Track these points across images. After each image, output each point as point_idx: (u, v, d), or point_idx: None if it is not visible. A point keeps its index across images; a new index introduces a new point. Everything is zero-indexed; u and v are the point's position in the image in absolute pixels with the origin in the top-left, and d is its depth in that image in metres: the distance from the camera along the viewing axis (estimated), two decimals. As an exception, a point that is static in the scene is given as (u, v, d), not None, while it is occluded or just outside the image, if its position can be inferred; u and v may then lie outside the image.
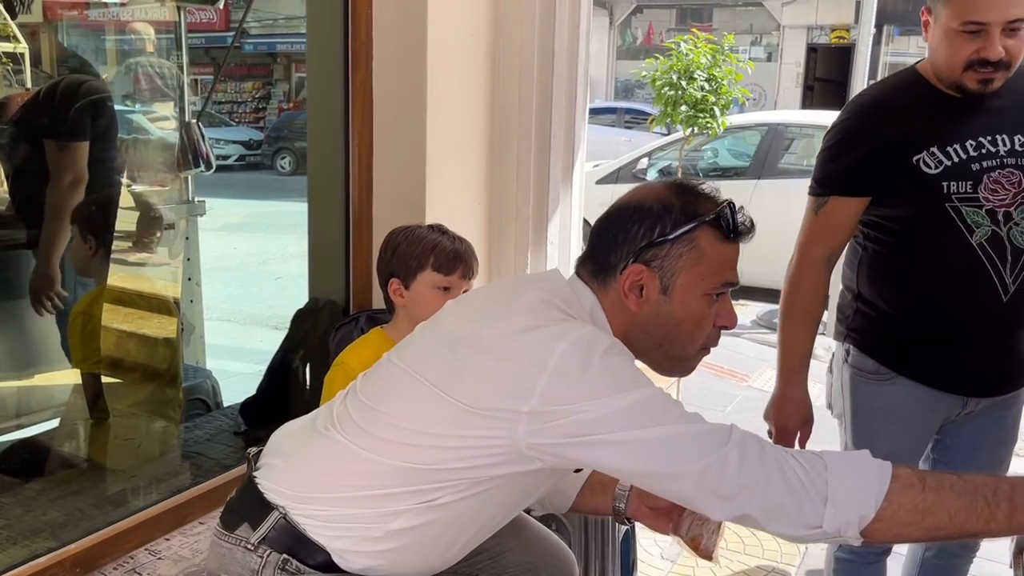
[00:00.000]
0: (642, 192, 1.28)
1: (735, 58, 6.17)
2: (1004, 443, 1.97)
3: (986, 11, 1.57)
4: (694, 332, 1.25)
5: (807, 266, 1.82)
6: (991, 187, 1.67)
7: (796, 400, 1.88)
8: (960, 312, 1.75)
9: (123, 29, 4.39)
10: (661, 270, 1.22)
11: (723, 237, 1.23)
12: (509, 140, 2.74)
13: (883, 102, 1.79)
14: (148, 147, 4.84)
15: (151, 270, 4.14)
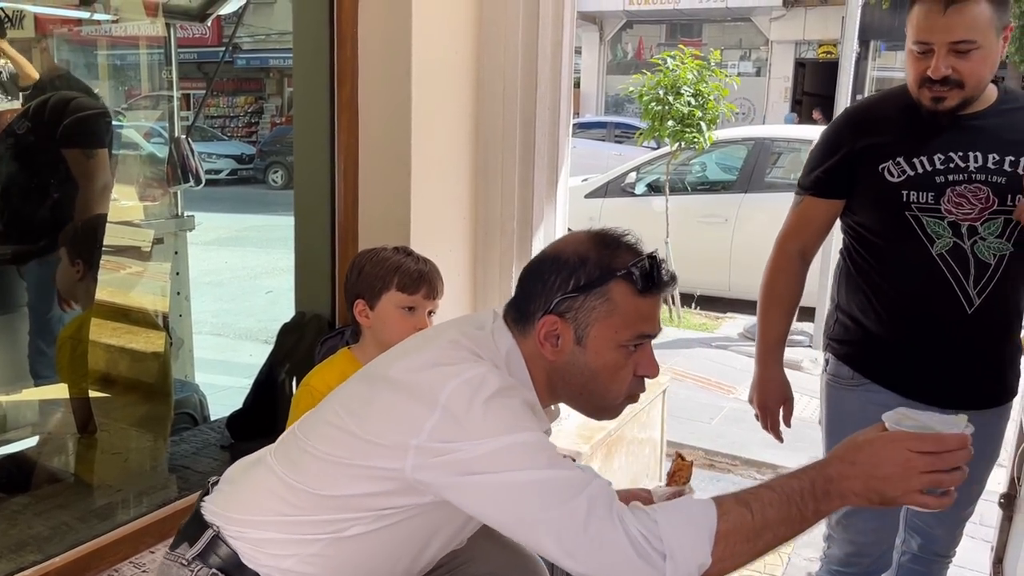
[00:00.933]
0: (564, 242, 1.32)
1: (721, 73, 6.23)
2: (985, 453, 1.94)
3: (930, 32, 1.66)
4: (610, 383, 1.28)
5: (780, 256, 1.94)
6: (955, 200, 1.72)
7: (773, 380, 1.98)
8: (924, 322, 1.80)
9: (114, 44, 4.42)
10: (575, 321, 1.24)
11: (636, 291, 1.24)
12: (494, 155, 2.77)
13: (866, 112, 1.89)
14: (138, 162, 4.85)
15: (140, 285, 4.15)
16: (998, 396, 1.90)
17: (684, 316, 6.39)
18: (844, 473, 1.14)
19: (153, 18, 4.03)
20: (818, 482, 1.14)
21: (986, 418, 1.85)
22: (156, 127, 4.79)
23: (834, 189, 1.86)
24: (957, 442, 1.13)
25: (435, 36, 2.53)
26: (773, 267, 1.95)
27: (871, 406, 1.83)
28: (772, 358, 1.98)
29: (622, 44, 21.03)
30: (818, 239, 1.94)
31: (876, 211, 1.80)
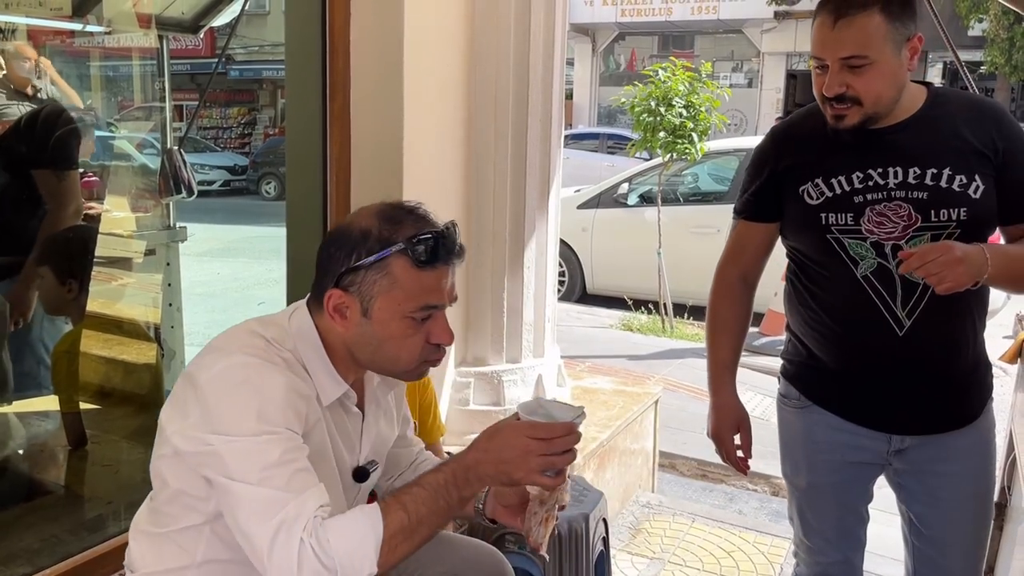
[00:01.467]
0: (353, 216, 1.34)
1: (712, 85, 6.25)
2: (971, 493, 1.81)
3: (822, 48, 1.60)
4: (399, 351, 1.32)
5: (720, 282, 1.90)
6: (875, 219, 1.64)
7: (723, 406, 1.89)
8: (855, 345, 1.73)
9: (106, 56, 4.42)
10: (360, 294, 1.29)
11: (416, 264, 1.27)
12: (486, 166, 2.79)
13: (788, 131, 1.81)
14: (130, 174, 4.85)
15: (131, 296, 4.15)
16: (955, 420, 1.77)
17: (677, 326, 6.40)
18: (478, 460, 1.24)
19: (146, 30, 4.04)
20: (458, 472, 1.25)
21: (953, 442, 1.77)
22: (148, 138, 4.79)
23: (764, 212, 1.80)
24: (564, 429, 1.25)
25: (427, 48, 2.55)
26: (714, 293, 1.91)
27: (816, 428, 1.84)
28: (721, 383, 1.90)
29: (614, 56, 21.13)
30: (757, 263, 1.87)
31: (802, 234, 1.75)
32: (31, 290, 2.60)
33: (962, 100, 1.74)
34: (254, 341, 1.28)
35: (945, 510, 1.81)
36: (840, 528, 1.91)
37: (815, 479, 1.88)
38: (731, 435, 1.89)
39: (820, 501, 1.90)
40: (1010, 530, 2.47)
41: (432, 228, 1.29)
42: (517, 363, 2.90)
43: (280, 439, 1.20)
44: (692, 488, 3.83)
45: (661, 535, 3.12)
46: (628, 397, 3.43)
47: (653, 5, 18.72)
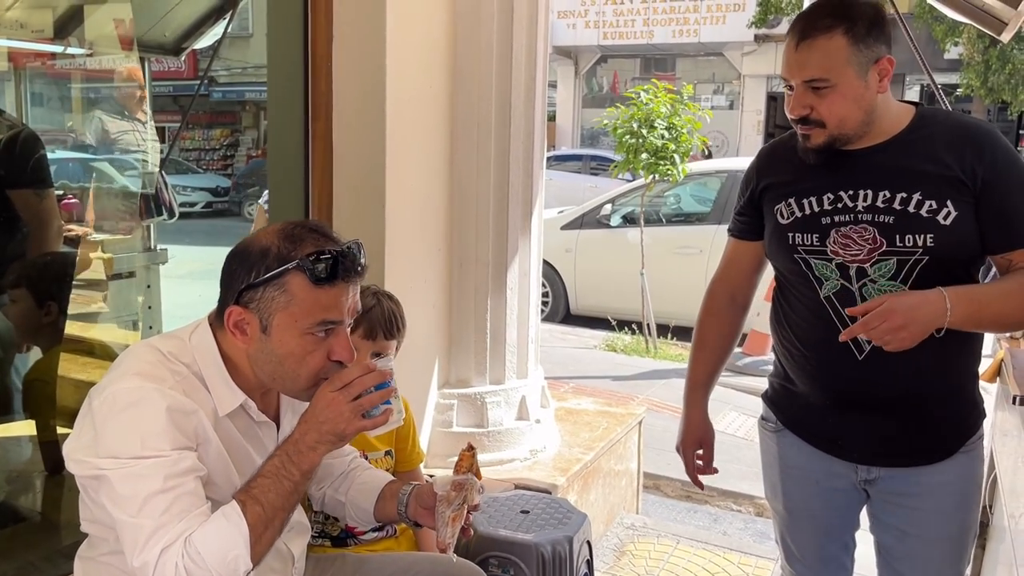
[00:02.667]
0: (257, 234, 1.36)
1: (694, 107, 6.31)
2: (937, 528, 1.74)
3: (787, 69, 1.61)
4: (298, 368, 1.33)
5: (709, 300, 1.92)
6: (841, 241, 1.62)
7: (690, 420, 1.92)
8: (819, 368, 1.72)
9: (88, 78, 4.41)
10: (259, 311, 1.31)
11: (312, 282, 1.29)
12: (468, 187, 2.79)
13: (771, 152, 1.83)
14: (111, 196, 4.81)
15: (110, 319, 4.10)
16: (922, 454, 1.70)
17: (660, 346, 6.41)
18: (302, 432, 1.31)
19: (128, 52, 4.03)
20: (289, 450, 1.31)
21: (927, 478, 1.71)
22: (130, 160, 4.76)
23: (748, 231, 1.82)
24: (358, 370, 1.32)
25: (409, 70, 2.56)
26: (703, 310, 1.92)
27: (790, 452, 1.83)
28: (693, 399, 1.92)
29: (597, 78, 21.28)
30: (746, 281, 1.88)
31: (775, 253, 1.76)
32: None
33: (949, 123, 1.66)
34: (148, 356, 1.31)
35: (912, 545, 1.76)
36: (821, 555, 1.89)
37: (791, 504, 1.87)
38: (692, 450, 1.92)
39: (798, 526, 1.90)
40: (992, 549, 2.47)
41: (332, 246, 1.31)
42: (501, 384, 2.90)
43: (164, 463, 1.22)
44: (677, 509, 3.82)
45: (646, 557, 3.10)
46: (612, 418, 3.42)
47: (635, 28, 18.91)
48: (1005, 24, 2.60)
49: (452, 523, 1.48)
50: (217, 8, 4.03)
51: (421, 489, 1.60)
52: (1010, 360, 2.20)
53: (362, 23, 2.47)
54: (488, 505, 2.34)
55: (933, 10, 13.17)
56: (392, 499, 1.62)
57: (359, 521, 1.69)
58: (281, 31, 2.53)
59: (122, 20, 3.99)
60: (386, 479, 1.68)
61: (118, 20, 3.94)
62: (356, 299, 1.37)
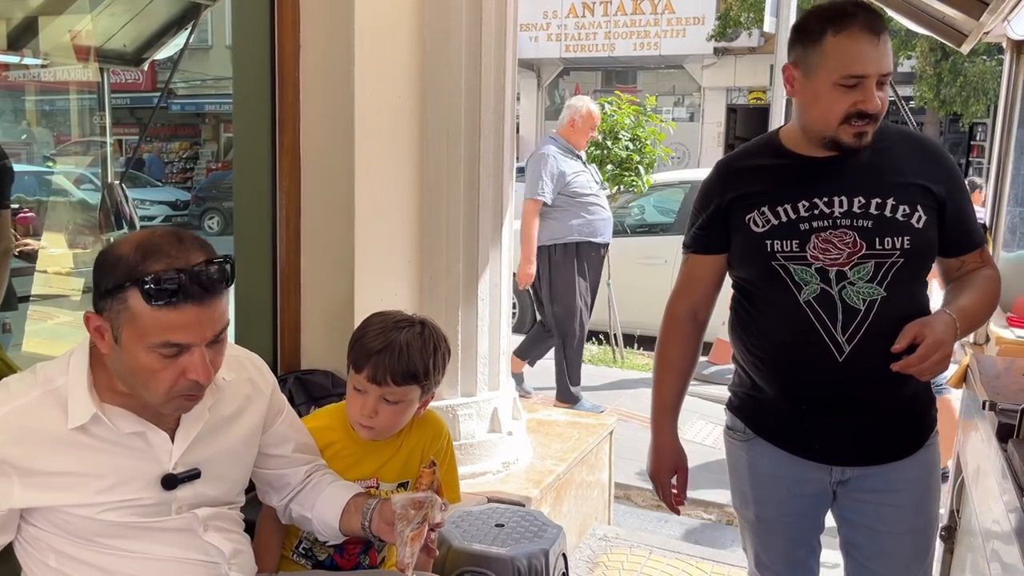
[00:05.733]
0: (128, 237, 1.33)
1: (657, 119, 6.36)
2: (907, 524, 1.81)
3: (864, 64, 1.59)
4: (149, 382, 1.30)
5: (670, 319, 1.87)
6: (821, 247, 1.66)
7: (662, 447, 1.88)
8: (796, 372, 1.74)
9: (44, 90, 4.32)
10: (111, 321, 1.28)
11: (148, 302, 1.25)
12: (438, 199, 2.77)
13: (733, 164, 1.82)
14: (68, 209, 4.72)
15: (70, 335, 4.01)
16: (896, 451, 1.77)
17: (627, 356, 6.43)
18: None
19: (86, 63, 3.96)
20: None
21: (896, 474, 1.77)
22: (87, 173, 4.67)
23: (712, 244, 1.80)
24: None
25: (378, 81, 2.53)
26: (664, 330, 1.88)
27: (761, 460, 1.83)
28: (664, 423, 1.88)
29: (559, 90, 21.41)
30: (707, 296, 1.86)
31: (746, 263, 1.76)
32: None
33: (902, 134, 1.77)
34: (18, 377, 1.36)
35: (883, 542, 1.81)
36: (790, 561, 1.90)
37: (763, 512, 1.87)
38: (668, 477, 1.90)
39: (769, 534, 1.89)
40: (960, 554, 2.50)
41: (180, 264, 1.26)
42: (472, 396, 2.87)
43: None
44: (648, 519, 3.82)
45: (619, 568, 3.09)
46: (583, 429, 3.41)
47: (597, 41, 19.06)
48: (965, 36, 2.66)
49: (411, 543, 1.44)
50: (178, 19, 3.97)
51: (384, 504, 1.56)
52: (976, 366, 2.23)
53: (330, 33, 2.44)
54: (462, 519, 2.31)
55: (888, 23, 13.47)
56: (357, 513, 1.60)
57: (327, 536, 1.66)
58: (247, 40, 2.50)
59: (79, 31, 3.92)
60: (352, 492, 1.65)
61: (76, 31, 3.87)
62: (219, 315, 1.31)
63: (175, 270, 1.25)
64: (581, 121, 4.82)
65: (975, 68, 13.81)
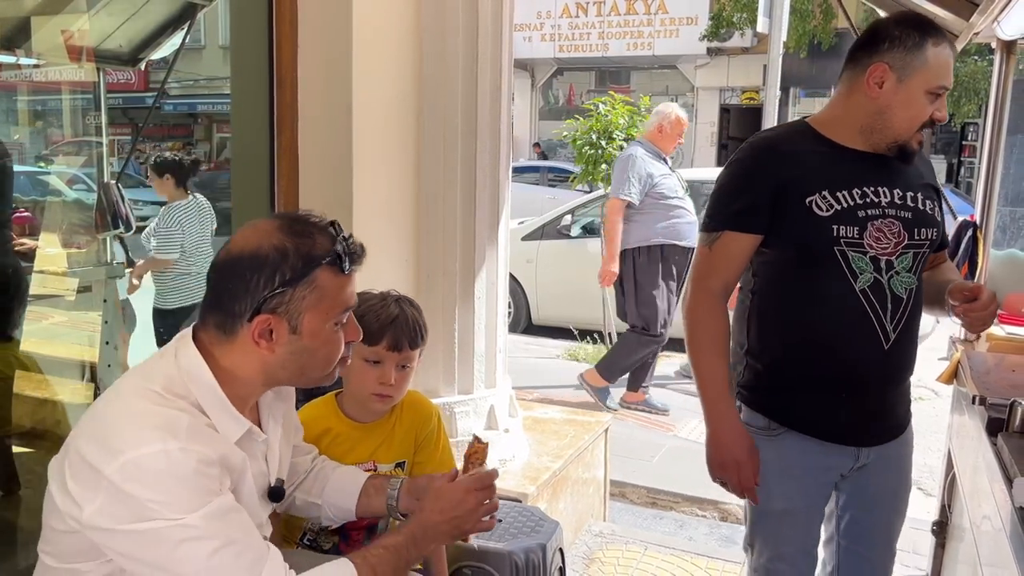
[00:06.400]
0: (255, 236, 1.28)
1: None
2: (900, 493, 1.99)
3: (951, 77, 1.72)
4: (328, 358, 1.34)
5: (705, 295, 1.80)
6: (875, 235, 1.72)
7: (734, 430, 1.79)
8: (845, 359, 1.77)
9: (40, 90, 4.32)
10: (287, 314, 1.27)
11: (340, 272, 1.29)
12: (435, 198, 2.79)
13: (776, 146, 1.83)
14: (64, 209, 4.71)
15: (66, 335, 4.01)
16: (901, 428, 1.91)
17: (621, 356, 6.45)
18: (435, 521, 1.41)
19: (83, 63, 3.97)
20: (417, 533, 1.40)
21: (893, 450, 1.89)
22: (80, 174, 4.66)
23: (756, 223, 1.76)
24: (495, 474, 1.46)
25: (376, 81, 2.55)
26: (698, 308, 1.80)
27: (791, 454, 1.83)
28: (725, 406, 1.79)
29: (553, 90, 21.44)
30: (737, 276, 1.83)
31: (803, 245, 1.74)
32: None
33: None
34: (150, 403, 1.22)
35: (879, 513, 1.95)
36: (808, 550, 1.94)
37: (790, 505, 1.88)
38: (751, 458, 1.79)
39: (793, 526, 1.90)
40: (952, 548, 2.53)
41: (340, 235, 1.31)
42: (469, 394, 2.90)
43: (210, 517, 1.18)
44: (643, 516, 3.84)
45: (615, 564, 3.12)
46: (579, 426, 3.44)
47: (590, 41, 19.11)
48: (956, 36, 2.69)
49: None
50: (175, 19, 3.98)
51: (411, 482, 1.60)
52: (967, 362, 2.26)
53: (328, 34, 2.46)
54: (460, 515, 2.33)
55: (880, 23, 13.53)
56: (379, 494, 1.62)
57: (335, 520, 1.67)
58: (245, 41, 2.51)
59: (74, 31, 3.92)
60: (360, 475, 1.68)
61: (73, 31, 3.87)
62: None
63: (343, 238, 1.30)
64: (669, 127, 4.85)
65: (966, 68, 13.88)
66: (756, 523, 1.95)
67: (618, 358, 4.98)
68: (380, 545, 1.35)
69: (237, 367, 1.29)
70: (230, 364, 1.29)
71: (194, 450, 1.19)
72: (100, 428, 1.22)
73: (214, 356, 1.29)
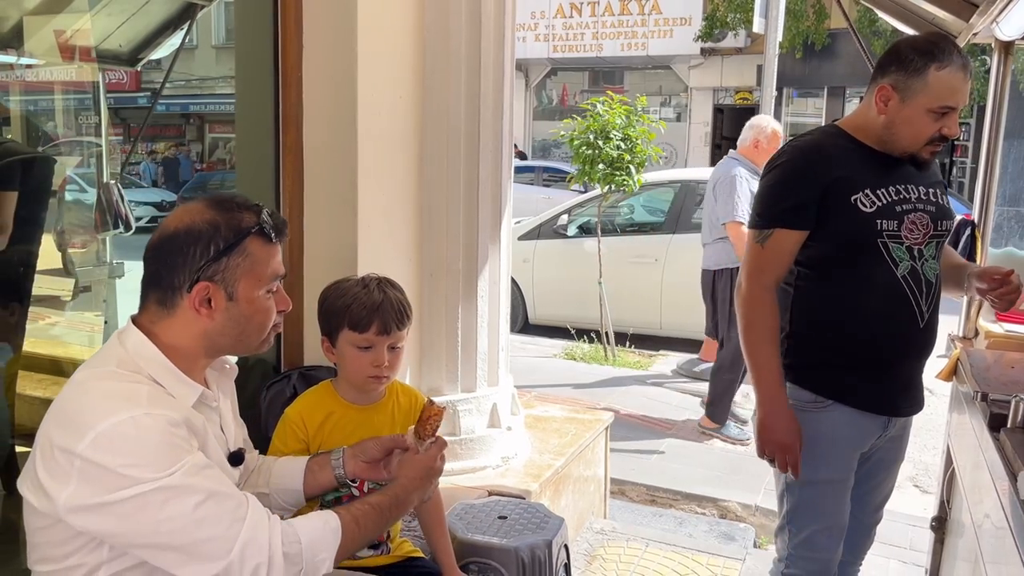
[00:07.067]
0: (187, 215, 1.38)
1: (648, 118, 6.40)
2: (899, 460, 2.24)
3: (957, 98, 1.87)
4: (262, 325, 1.44)
5: (761, 291, 1.98)
6: (909, 227, 1.94)
7: (785, 416, 1.97)
8: (887, 339, 1.99)
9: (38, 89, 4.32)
10: (224, 282, 1.37)
11: (268, 241, 1.40)
12: (438, 197, 2.80)
13: (821, 148, 2.01)
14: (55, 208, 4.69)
15: (68, 334, 4.01)
16: (922, 403, 2.14)
17: (619, 354, 6.47)
18: (413, 485, 1.58)
19: (83, 63, 3.96)
20: (399, 494, 1.55)
21: (908, 423, 2.17)
22: (76, 174, 4.66)
23: (805, 220, 1.95)
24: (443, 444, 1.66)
25: (380, 81, 2.57)
26: (755, 303, 1.98)
27: (838, 425, 2.02)
28: (778, 393, 1.98)
29: (547, 91, 21.46)
30: (786, 269, 2.01)
31: (846, 240, 1.94)
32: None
33: None
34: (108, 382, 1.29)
35: (885, 481, 2.22)
36: (841, 523, 2.10)
37: (836, 474, 2.06)
38: (799, 444, 1.98)
39: (833, 497, 2.07)
40: (952, 543, 2.56)
41: (264, 210, 1.41)
42: (472, 392, 2.91)
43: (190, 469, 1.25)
44: (642, 513, 3.86)
45: (616, 561, 3.14)
46: (580, 424, 3.45)
47: (584, 41, 19.14)
48: (955, 37, 2.71)
49: None
50: (175, 19, 3.99)
51: (358, 446, 1.70)
52: (966, 359, 2.29)
53: (332, 34, 2.47)
54: (466, 511, 2.35)
55: (872, 25, 13.59)
56: (323, 468, 1.69)
57: (287, 506, 1.71)
58: (251, 41, 2.52)
59: (76, 31, 3.92)
60: (305, 458, 1.73)
61: (73, 31, 3.87)
62: None
63: (267, 212, 1.40)
64: (766, 142, 4.68)
65: (958, 69, 13.93)
66: (798, 499, 2.09)
67: (717, 398, 4.74)
68: (364, 502, 1.50)
69: (179, 338, 1.38)
70: (172, 338, 1.37)
71: (160, 414, 1.26)
72: (64, 415, 1.28)
73: (156, 334, 1.37)
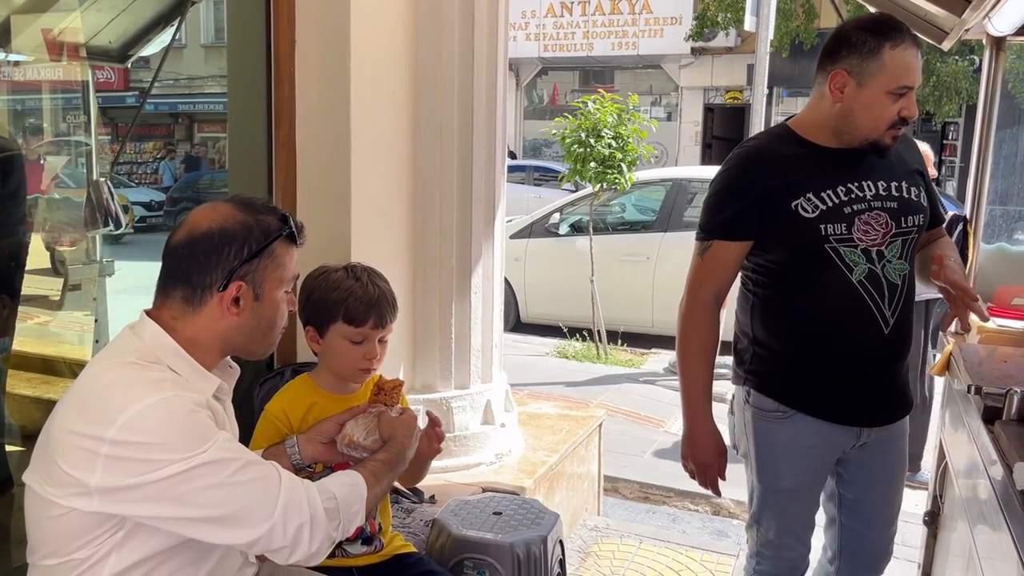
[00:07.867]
0: (218, 215, 1.42)
1: (639, 117, 6.41)
2: (899, 471, 2.12)
3: (914, 76, 1.79)
4: (278, 323, 1.49)
5: (697, 304, 1.93)
6: (863, 228, 1.82)
7: (707, 434, 1.95)
8: (847, 346, 1.88)
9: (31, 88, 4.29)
10: (254, 282, 1.42)
11: (291, 244, 1.46)
12: (432, 193, 2.80)
13: (761, 154, 1.92)
14: (46, 207, 4.67)
15: (58, 332, 3.98)
16: (904, 409, 2.03)
17: (611, 353, 6.48)
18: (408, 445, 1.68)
19: (71, 60, 3.94)
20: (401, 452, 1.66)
21: (895, 431, 2.03)
22: (60, 174, 4.63)
23: (744, 231, 1.87)
24: None
25: (373, 76, 2.56)
26: (689, 313, 1.94)
27: (801, 435, 1.94)
28: (704, 409, 1.95)
29: (537, 90, 21.45)
30: (730, 282, 1.95)
31: (793, 246, 1.85)
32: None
33: None
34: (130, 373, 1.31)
35: (879, 491, 2.07)
36: (809, 523, 2.06)
37: (798, 482, 1.99)
38: (717, 461, 1.97)
39: (798, 502, 2.02)
40: (944, 538, 2.56)
41: (285, 214, 1.47)
42: (466, 389, 2.90)
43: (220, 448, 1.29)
44: (636, 510, 3.87)
45: (610, 557, 3.14)
46: (573, 421, 3.45)
47: (575, 40, 19.13)
48: (947, 33, 2.72)
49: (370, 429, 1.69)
50: (165, 15, 3.96)
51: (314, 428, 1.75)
52: (959, 354, 2.29)
53: (325, 29, 2.46)
54: (460, 507, 2.34)
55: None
56: (279, 458, 1.68)
57: None
58: (243, 37, 2.51)
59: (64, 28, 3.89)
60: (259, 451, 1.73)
61: (62, 27, 3.84)
62: None
63: (289, 216, 1.46)
64: None
65: (947, 68, 14.02)
66: (764, 501, 2.05)
67: None
68: (376, 459, 1.61)
69: (200, 334, 1.40)
70: (193, 333, 1.39)
71: (187, 395, 1.31)
72: (87, 404, 1.29)
73: (175, 329, 1.39)
